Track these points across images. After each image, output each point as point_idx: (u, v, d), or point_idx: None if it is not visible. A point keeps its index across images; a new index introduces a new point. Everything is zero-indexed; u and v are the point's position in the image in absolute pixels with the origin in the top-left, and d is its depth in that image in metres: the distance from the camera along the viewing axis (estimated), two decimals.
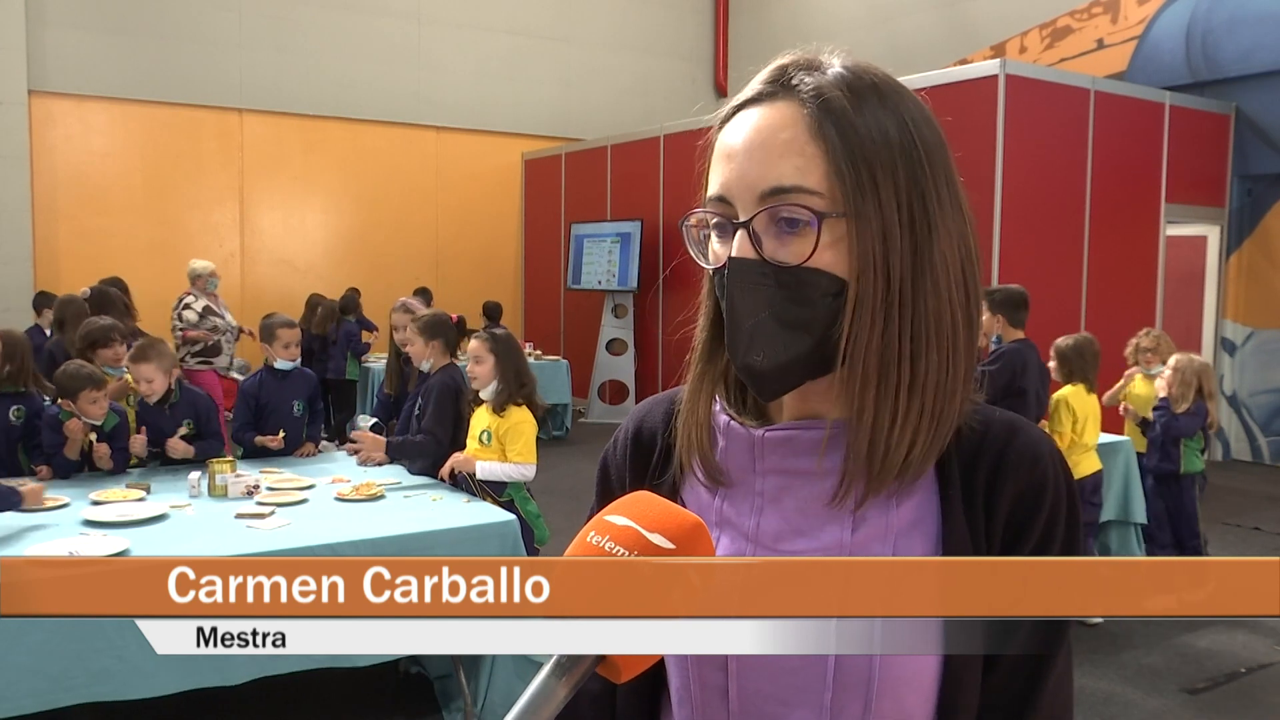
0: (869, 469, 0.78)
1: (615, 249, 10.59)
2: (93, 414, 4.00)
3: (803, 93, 0.78)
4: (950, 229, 0.79)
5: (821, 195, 0.76)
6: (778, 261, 0.77)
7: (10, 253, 9.86)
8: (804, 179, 0.76)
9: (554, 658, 0.63)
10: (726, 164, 0.80)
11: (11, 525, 3.24)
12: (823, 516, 0.82)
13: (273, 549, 3.03)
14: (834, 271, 0.77)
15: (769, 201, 0.76)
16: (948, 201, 0.80)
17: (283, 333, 4.59)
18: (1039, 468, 0.80)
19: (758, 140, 0.78)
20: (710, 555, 0.69)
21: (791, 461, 0.83)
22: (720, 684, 0.83)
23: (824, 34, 12.68)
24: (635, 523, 0.67)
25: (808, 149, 0.76)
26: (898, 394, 0.77)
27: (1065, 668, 0.81)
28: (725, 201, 0.79)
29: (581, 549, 0.67)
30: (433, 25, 12.01)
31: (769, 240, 0.77)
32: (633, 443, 0.95)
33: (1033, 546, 0.79)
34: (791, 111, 0.78)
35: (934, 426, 0.79)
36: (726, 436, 0.87)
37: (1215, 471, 8.27)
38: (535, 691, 0.62)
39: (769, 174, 0.77)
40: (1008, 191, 7.00)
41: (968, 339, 0.81)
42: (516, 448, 3.72)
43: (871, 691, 0.77)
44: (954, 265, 0.80)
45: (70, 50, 10.12)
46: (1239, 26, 8.28)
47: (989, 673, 0.79)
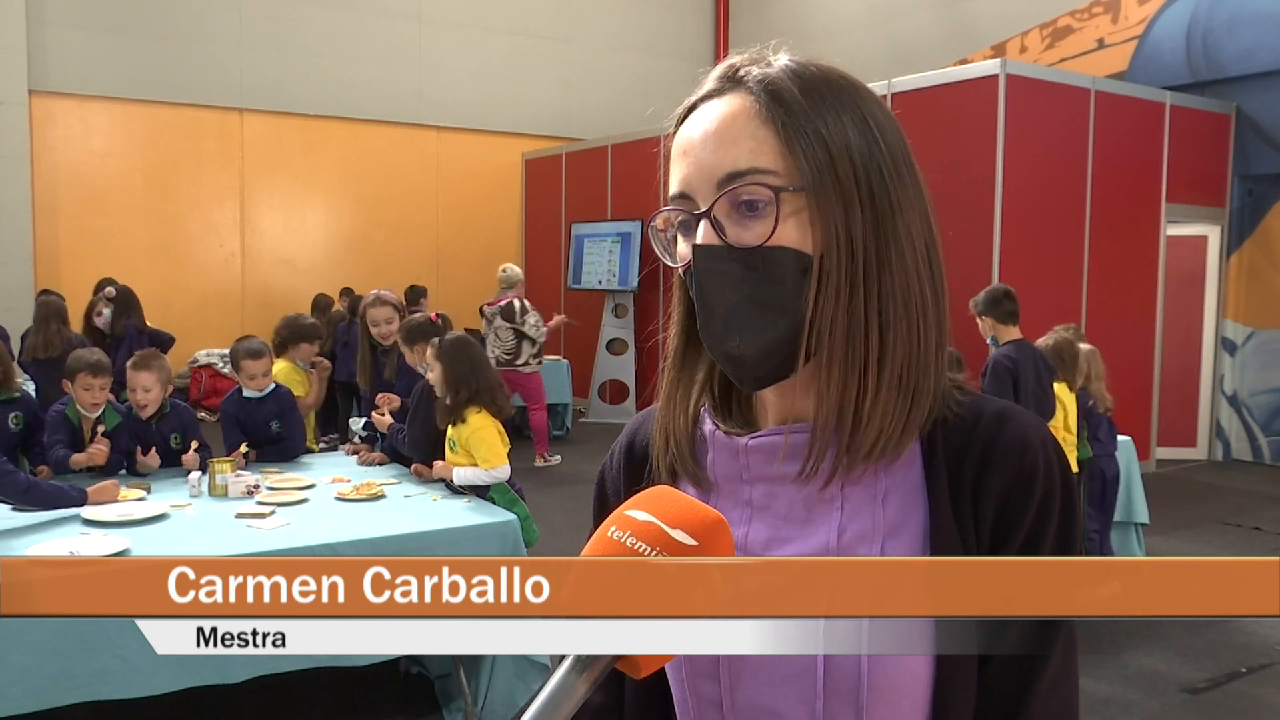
0: (838, 442, 0.78)
1: (615, 249, 10.60)
2: (85, 401, 4.00)
3: (750, 84, 0.79)
4: (912, 203, 0.80)
5: (777, 174, 0.76)
6: (742, 244, 0.77)
7: (10, 253, 9.86)
8: (758, 160, 0.77)
9: (572, 654, 0.63)
10: (683, 160, 0.81)
11: (12, 525, 3.24)
12: (809, 522, 0.81)
13: (273, 549, 3.03)
14: (799, 248, 0.77)
15: (726, 187, 0.77)
16: (907, 178, 0.80)
17: (248, 364, 4.35)
18: (1028, 458, 0.78)
19: (710, 131, 0.79)
20: (730, 551, 0.68)
21: (776, 468, 0.82)
22: (714, 695, 0.83)
23: (824, 34, 12.72)
24: (657, 518, 0.67)
25: (760, 132, 0.77)
26: (866, 367, 0.77)
27: (1063, 667, 0.79)
28: (686, 197, 0.80)
29: (603, 544, 0.67)
30: (433, 25, 12.01)
31: (731, 226, 0.78)
32: (625, 455, 0.95)
33: (1022, 540, 0.77)
34: (741, 101, 0.79)
35: (908, 400, 0.78)
36: (713, 446, 0.86)
37: (1216, 472, 8.28)
38: (554, 688, 0.62)
39: (724, 161, 0.77)
40: (1008, 191, 7.00)
41: (936, 314, 0.81)
42: (481, 454, 3.70)
43: (862, 698, 0.76)
44: (919, 240, 0.80)
45: (70, 50, 10.12)
46: (1239, 26, 8.28)
47: (982, 674, 0.78)
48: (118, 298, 7.32)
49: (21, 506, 3.34)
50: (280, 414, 4.40)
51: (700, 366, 0.88)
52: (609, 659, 0.64)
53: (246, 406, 4.38)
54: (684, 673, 0.84)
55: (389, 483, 3.89)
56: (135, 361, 4.12)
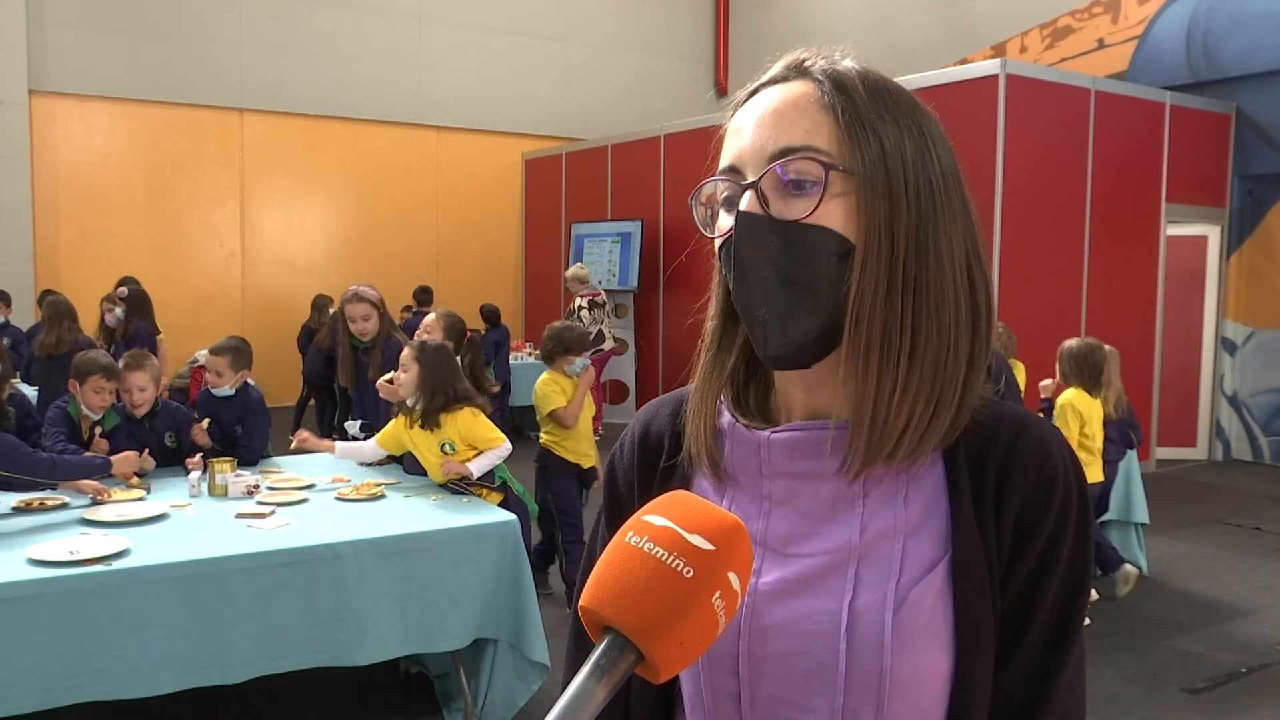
0: (869, 434, 0.78)
1: (616, 249, 10.60)
2: (93, 403, 4.03)
3: (815, 73, 0.81)
4: (956, 218, 0.81)
5: (830, 154, 0.78)
6: (784, 217, 0.78)
7: (11, 253, 9.86)
8: (813, 140, 0.78)
9: (592, 659, 0.63)
10: (738, 136, 0.82)
11: (12, 525, 3.24)
12: (831, 518, 0.82)
13: (273, 548, 3.03)
14: (841, 231, 0.78)
15: (777, 160, 0.78)
16: (955, 194, 0.81)
17: (208, 359, 4.29)
18: (1048, 464, 0.79)
19: (770, 110, 0.80)
20: (748, 556, 0.68)
21: (798, 464, 0.83)
22: (732, 689, 0.83)
23: (824, 34, 12.72)
24: (674, 523, 0.66)
25: (818, 116, 0.79)
26: (898, 361, 0.78)
27: (1078, 666, 0.80)
28: (735, 170, 0.81)
29: (620, 550, 0.66)
30: (433, 25, 12.01)
31: (776, 200, 0.78)
32: (640, 445, 0.95)
33: (1043, 544, 0.78)
34: (804, 88, 0.80)
35: (931, 406, 0.79)
36: (732, 439, 0.86)
37: (1216, 471, 8.28)
38: (574, 693, 0.61)
39: (779, 137, 0.79)
40: (1008, 191, 7.00)
41: (971, 329, 0.81)
42: (484, 435, 3.78)
43: (883, 693, 0.77)
44: (959, 254, 0.80)
45: (70, 50, 10.12)
46: (1239, 26, 8.28)
47: (1000, 671, 0.79)
48: (130, 298, 7.29)
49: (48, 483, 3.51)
50: (244, 418, 4.35)
51: (730, 354, 0.88)
52: (629, 665, 0.63)
53: (216, 404, 4.36)
54: (700, 666, 0.84)
55: (389, 483, 3.89)
56: (128, 362, 4.15)
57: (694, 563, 0.64)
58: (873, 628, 0.77)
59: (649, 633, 0.62)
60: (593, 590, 0.65)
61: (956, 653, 0.77)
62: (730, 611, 0.66)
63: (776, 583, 0.82)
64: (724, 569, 0.65)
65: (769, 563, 0.83)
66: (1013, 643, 0.78)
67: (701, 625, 0.64)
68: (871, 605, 0.77)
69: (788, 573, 0.82)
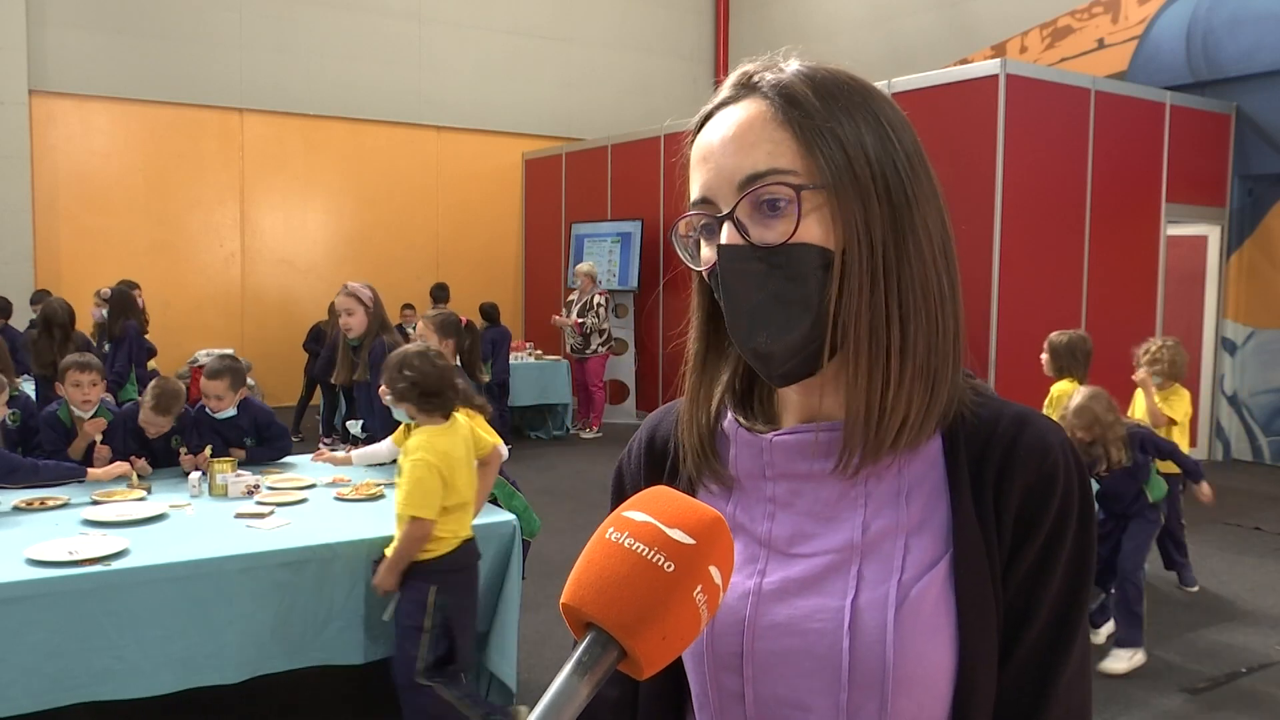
0: (866, 432, 0.79)
1: (616, 249, 10.60)
2: (75, 397, 4.05)
3: (765, 89, 0.81)
4: (927, 198, 0.82)
5: (796, 173, 0.78)
6: (765, 243, 0.78)
7: (11, 252, 9.86)
8: (777, 161, 0.79)
9: (574, 657, 0.63)
10: (703, 166, 0.82)
11: (12, 525, 3.24)
12: (834, 518, 0.83)
13: (273, 548, 3.03)
14: (821, 244, 0.79)
15: (747, 189, 0.79)
16: (921, 174, 0.82)
17: (205, 384, 4.18)
18: (1049, 460, 0.80)
19: (729, 136, 0.81)
20: (729, 550, 0.68)
21: (800, 465, 0.84)
22: (736, 688, 0.83)
23: (824, 34, 12.73)
24: (654, 518, 0.66)
25: (777, 135, 0.79)
26: (889, 357, 0.79)
27: (1081, 663, 0.81)
28: (708, 201, 0.82)
29: (600, 546, 0.66)
30: (433, 25, 12.02)
31: (754, 226, 0.79)
32: (646, 451, 0.96)
33: (1044, 540, 0.79)
34: (757, 106, 0.81)
35: (929, 389, 0.80)
36: (735, 442, 0.87)
37: (1215, 472, 8.27)
38: (557, 691, 0.61)
39: (743, 164, 0.79)
40: (1008, 191, 7.00)
41: (953, 305, 0.83)
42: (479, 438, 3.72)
43: (887, 689, 0.77)
44: (935, 233, 0.82)
45: (71, 50, 10.12)
46: (1239, 26, 8.27)
47: (1004, 667, 0.79)
48: (112, 298, 7.30)
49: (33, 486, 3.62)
50: (259, 425, 4.31)
51: (723, 367, 0.90)
52: (611, 661, 0.63)
53: (220, 427, 4.23)
54: (706, 665, 0.85)
55: (389, 483, 3.88)
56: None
57: (675, 557, 0.64)
58: (875, 624, 0.77)
59: (631, 628, 0.62)
60: (574, 587, 0.65)
61: (959, 648, 0.78)
62: (712, 606, 0.66)
63: (780, 582, 0.82)
64: (705, 563, 0.65)
65: (773, 563, 0.84)
66: (1015, 638, 0.79)
67: (684, 620, 0.64)
68: (874, 602, 0.78)
69: (791, 572, 0.82)
